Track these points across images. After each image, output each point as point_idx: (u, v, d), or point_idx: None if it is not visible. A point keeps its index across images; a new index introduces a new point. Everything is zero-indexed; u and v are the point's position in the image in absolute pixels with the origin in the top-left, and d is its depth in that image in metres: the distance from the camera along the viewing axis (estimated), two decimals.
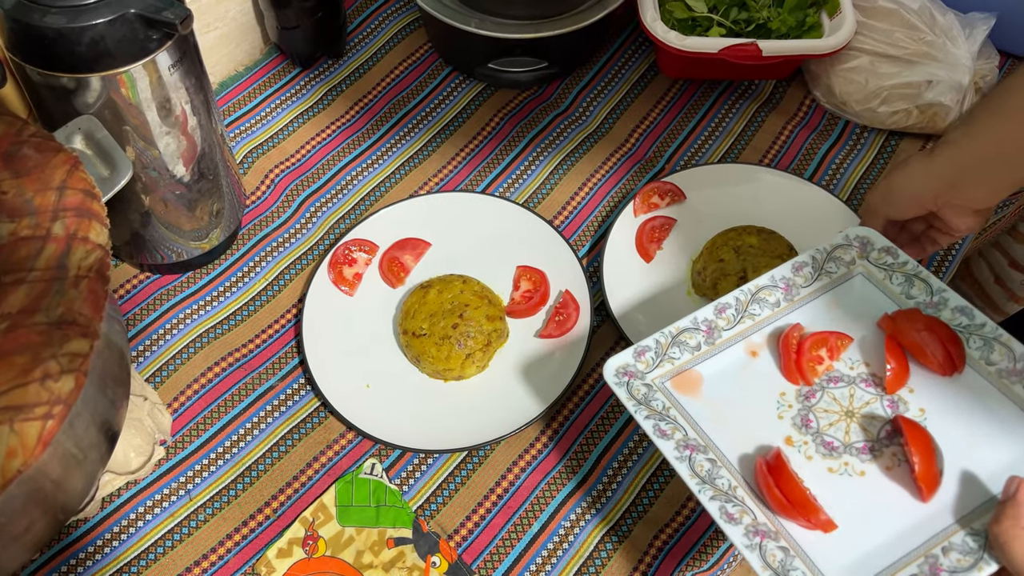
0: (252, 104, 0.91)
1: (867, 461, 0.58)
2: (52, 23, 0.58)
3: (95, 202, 0.55)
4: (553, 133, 0.90)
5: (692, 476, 0.56)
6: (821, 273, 0.66)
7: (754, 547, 0.53)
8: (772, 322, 0.64)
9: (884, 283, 0.65)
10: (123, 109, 0.64)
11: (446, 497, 0.69)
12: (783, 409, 0.61)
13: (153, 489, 0.69)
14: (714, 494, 0.55)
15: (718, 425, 0.59)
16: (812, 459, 0.58)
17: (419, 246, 0.81)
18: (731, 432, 0.59)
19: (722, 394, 0.61)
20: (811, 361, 0.62)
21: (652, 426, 0.58)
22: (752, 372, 0.62)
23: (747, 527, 0.54)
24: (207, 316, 0.78)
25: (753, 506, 0.55)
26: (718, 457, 0.58)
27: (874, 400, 0.61)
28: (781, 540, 0.54)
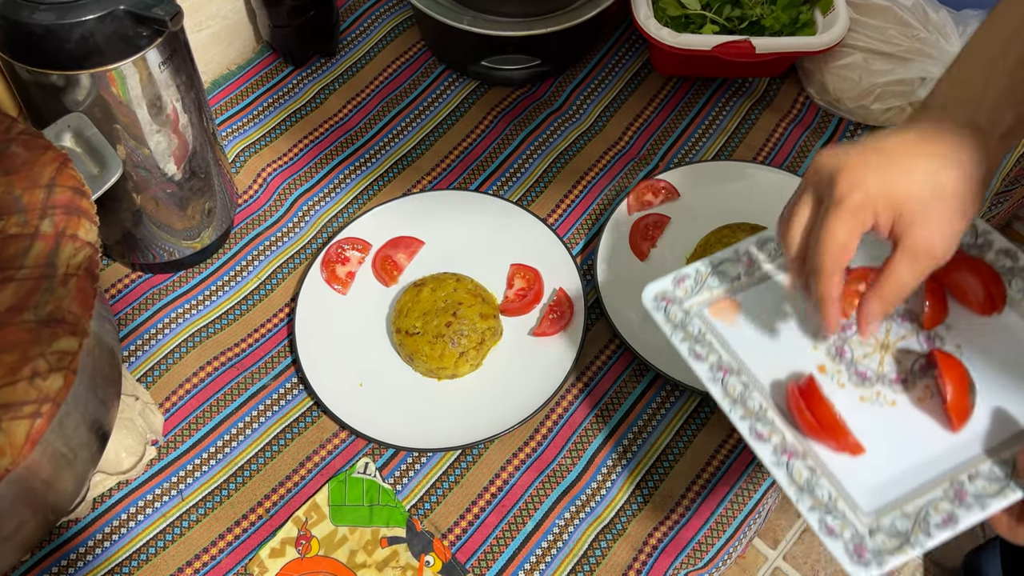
0: (244, 103, 0.91)
1: (899, 392, 0.58)
2: (41, 20, 0.58)
3: (84, 200, 0.54)
4: (547, 131, 0.90)
5: (724, 397, 0.57)
6: None
7: (781, 464, 0.54)
8: None
9: None
10: (113, 107, 0.64)
11: (440, 496, 0.69)
12: (819, 339, 0.61)
13: (145, 489, 0.69)
14: (744, 414, 0.56)
15: (753, 351, 0.60)
16: (844, 387, 0.59)
17: (412, 244, 0.80)
18: (766, 359, 0.60)
19: (758, 323, 0.61)
20: (850, 294, 0.60)
21: (687, 348, 0.59)
22: (789, 304, 0.62)
23: (775, 446, 0.55)
24: (199, 315, 0.77)
25: (783, 427, 0.56)
26: (751, 380, 0.58)
27: (910, 335, 0.61)
28: (808, 459, 0.54)
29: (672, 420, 0.72)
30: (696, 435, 0.72)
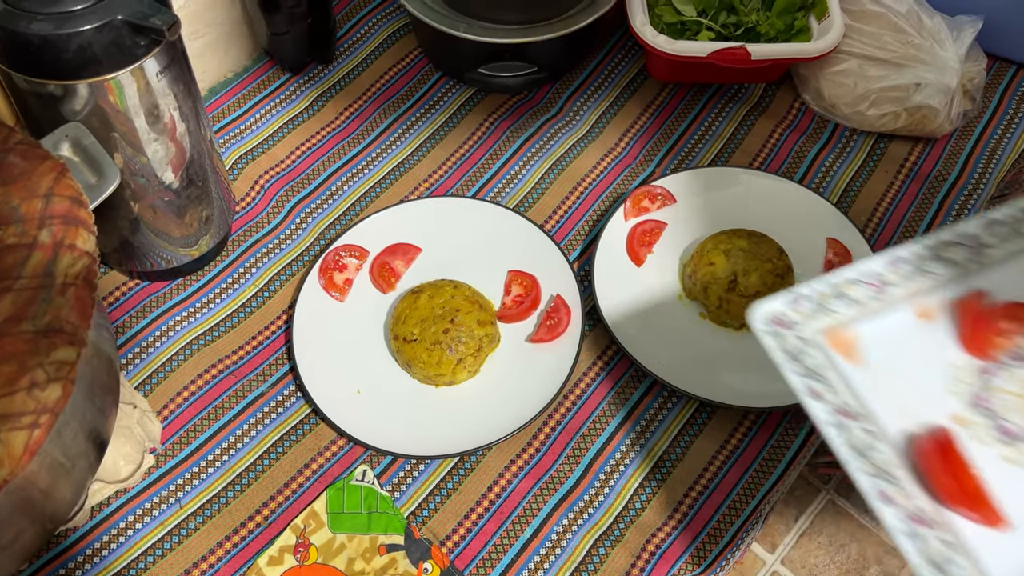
0: (242, 110, 0.91)
1: None
2: (39, 30, 0.58)
3: (82, 209, 0.54)
4: (543, 137, 0.90)
5: (846, 446, 0.49)
6: (1018, 234, 0.57)
7: (912, 535, 0.47)
8: (953, 282, 0.56)
9: None
10: (111, 116, 0.64)
11: (438, 503, 0.69)
12: (955, 383, 0.53)
13: (143, 497, 0.69)
14: (869, 469, 0.48)
15: (878, 393, 0.52)
16: (986, 443, 0.51)
17: (410, 251, 0.80)
18: (893, 403, 0.52)
19: (885, 359, 0.53)
20: (996, 333, 0.54)
21: (803, 385, 0.51)
22: (922, 338, 0.54)
23: (906, 511, 0.47)
24: (197, 323, 0.77)
25: (913, 489, 0.49)
26: (877, 429, 0.50)
27: None
28: (944, 532, 0.47)
29: (669, 426, 0.73)
30: (693, 441, 0.72)
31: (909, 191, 0.86)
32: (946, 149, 0.89)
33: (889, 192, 0.86)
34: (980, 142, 0.90)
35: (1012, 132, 0.91)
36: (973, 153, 0.89)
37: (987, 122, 0.91)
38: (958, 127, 0.90)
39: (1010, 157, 0.89)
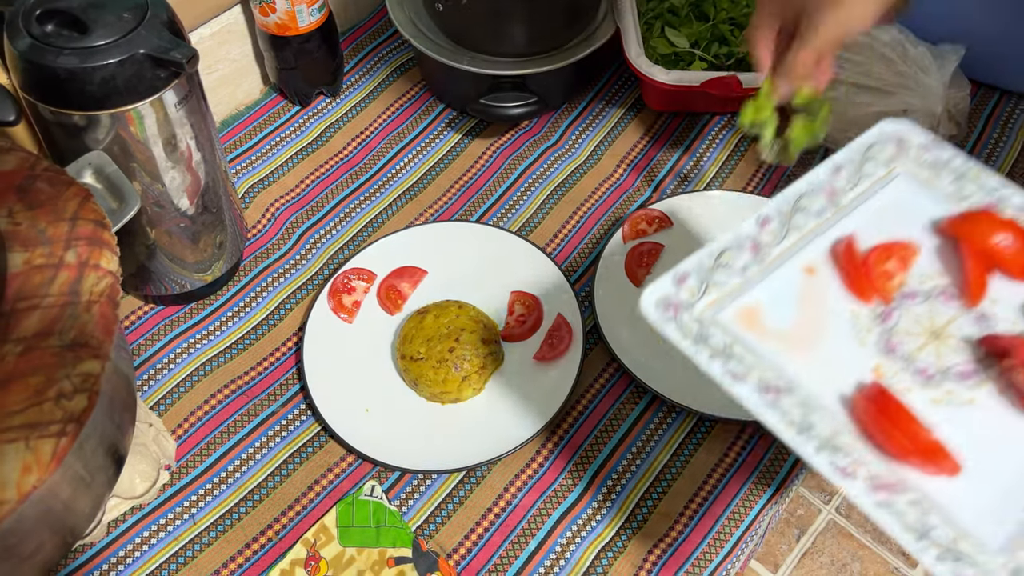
0: (253, 141, 0.94)
1: (971, 386, 0.50)
2: (65, 64, 0.61)
3: (106, 232, 0.57)
4: (544, 165, 0.93)
5: (787, 425, 0.46)
6: (862, 176, 0.58)
7: (884, 505, 0.44)
8: (821, 233, 0.56)
9: (931, 182, 0.58)
10: (131, 145, 0.67)
11: (445, 517, 0.71)
12: (862, 333, 0.52)
13: (158, 514, 0.70)
14: (818, 444, 0.46)
15: (793, 359, 0.50)
16: (912, 391, 0.50)
17: (416, 274, 0.83)
18: (810, 367, 0.50)
19: (786, 322, 0.52)
20: (881, 276, 0.54)
21: (721, 369, 0.49)
22: (815, 292, 0.53)
23: (866, 481, 0.45)
24: (210, 345, 0.80)
25: (865, 454, 0.47)
26: (807, 398, 0.48)
27: (958, 316, 0.53)
28: (908, 493, 0.45)
29: (669, 440, 0.75)
30: (693, 454, 0.74)
31: None
32: None
33: None
34: None
35: (997, 156, 0.94)
36: None
37: (972, 147, 0.94)
38: None
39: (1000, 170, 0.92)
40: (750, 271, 0.54)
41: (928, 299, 0.54)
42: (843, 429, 0.48)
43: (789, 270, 0.55)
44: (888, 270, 0.55)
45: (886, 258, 0.55)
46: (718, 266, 0.53)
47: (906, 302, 0.54)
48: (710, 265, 0.53)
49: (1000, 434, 0.49)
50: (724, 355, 0.50)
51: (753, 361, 0.50)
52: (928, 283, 0.55)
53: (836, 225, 0.57)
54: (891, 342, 0.52)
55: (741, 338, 0.52)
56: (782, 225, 0.55)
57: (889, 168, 0.59)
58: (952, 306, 0.54)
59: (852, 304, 0.54)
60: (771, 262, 0.55)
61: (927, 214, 0.58)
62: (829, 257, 0.56)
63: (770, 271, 0.55)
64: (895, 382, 0.51)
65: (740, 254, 0.54)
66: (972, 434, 0.49)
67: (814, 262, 0.56)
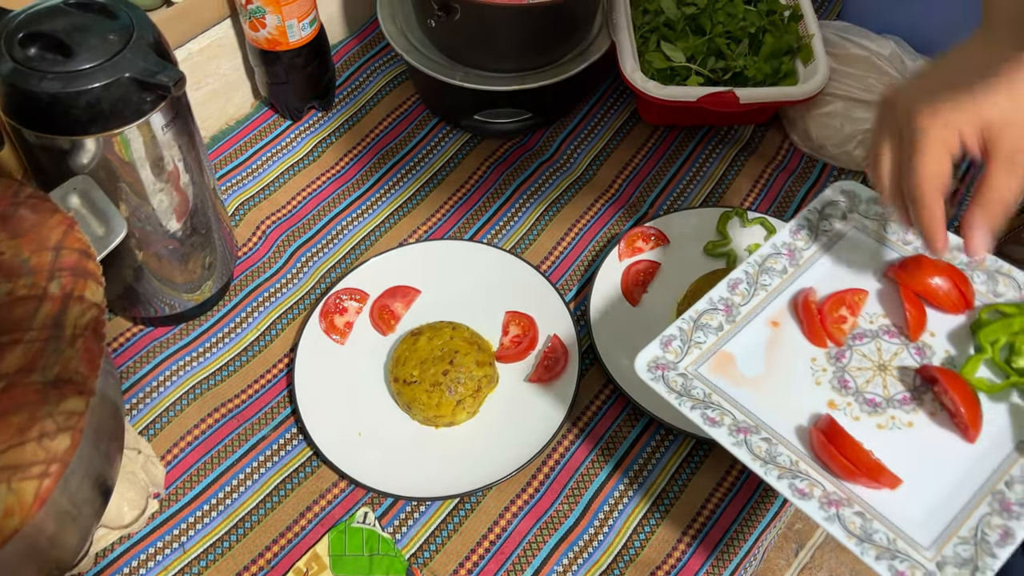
0: (243, 157, 0.93)
1: (911, 411, 0.60)
2: (49, 88, 0.60)
3: (91, 261, 0.56)
4: (538, 180, 0.92)
5: (753, 459, 0.56)
6: (818, 233, 0.67)
7: (833, 518, 0.54)
8: (784, 289, 0.66)
9: (879, 233, 0.68)
10: (118, 168, 0.66)
11: (439, 544, 0.70)
12: (818, 374, 0.62)
13: (147, 543, 0.69)
14: (780, 472, 0.56)
15: (761, 402, 0.60)
16: (859, 419, 0.59)
17: (409, 294, 0.82)
18: (775, 407, 0.60)
19: (756, 370, 0.62)
20: (835, 322, 0.63)
21: (700, 415, 0.58)
22: (779, 343, 0.63)
23: (820, 499, 0.55)
24: (200, 367, 0.79)
25: (819, 477, 0.56)
26: (771, 435, 0.58)
27: (901, 350, 0.62)
28: (855, 505, 0.55)
29: (667, 464, 0.73)
30: (691, 478, 0.73)
31: None
32: None
33: None
34: (963, 181, 0.92)
35: None
36: (956, 192, 0.91)
37: (970, 161, 0.93)
38: None
39: None
40: (724, 329, 0.64)
41: (876, 337, 0.64)
42: (801, 457, 0.57)
43: (757, 325, 0.64)
44: (840, 315, 0.64)
45: (838, 306, 0.64)
46: (697, 327, 0.63)
47: (856, 343, 0.63)
48: (690, 328, 0.63)
49: (935, 449, 0.58)
50: (703, 404, 0.59)
51: (728, 406, 0.60)
52: (876, 323, 0.64)
53: (797, 280, 0.66)
54: (844, 379, 0.62)
55: (718, 387, 0.61)
56: (750, 286, 0.65)
57: (843, 224, 0.68)
58: (896, 341, 0.63)
59: (810, 350, 0.63)
60: (742, 319, 0.64)
61: (876, 262, 0.67)
62: (790, 310, 0.65)
63: (741, 327, 0.64)
64: (847, 413, 0.60)
65: (715, 315, 0.64)
66: (912, 451, 0.58)
67: (778, 316, 0.65)
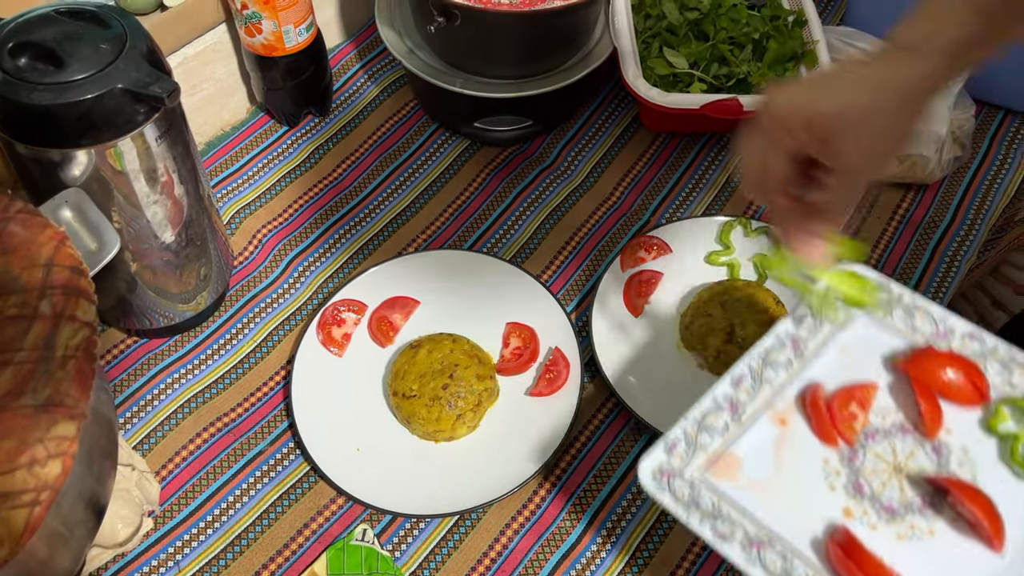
0: (239, 163, 0.92)
1: (932, 518, 0.56)
2: (39, 100, 0.58)
3: (83, 279, 0.55)
4: (539, 188, 0.91)
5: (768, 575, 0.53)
6: (822, 322, 0.63)
7: None
8: (790, 383, 0.62)
9: (886, 320, 0.64)
10: (111, 180, 0.64)
11: (439, 562, 0.68)
12: (832, 477, 0.58)
13: (141, 561, 0.68)
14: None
15: (772, 509, 0.56)
16: (877, 528, 0.56)
17: (408, 304, 0.81)
18: (787, 515, 0.56)
19: (765, 473, 0.58)
20: (845, 419, 0.59)
21: (710, 530, 0.54)
22: (788, 443, 0.59)
23: None
24: (195, 380, 0.77)
25: None
26: (786, 548, 0.54)
27: (917, 450, 0.59)
28: None
29: None
30: None
31: (902, 238, 0.87)
32: (938, 195, 0.90)
33: (883, 239, 0.87)
34: (971, 188, 0.91)
35: (1002, 177, 0.92)
36: (964, 199, 0.90)
37: (977, 168, 0.93)
38: (948, 173, 0.91)
39: (1001, 202, 0.90)
40: (730, 429, 0.59)
41: (889, 435, 0.60)
42: (818, 572, 0.54)
43: (764, 423, 0.60)
44: (851, 412, 0.60)
45: (848, 402, 0.60)
46: (702, 429, 0.59)
47: (869, 441, 0.59)
48: (695, 430, 0.58)
49: (960, 561, 0.54)
50: (712, 516, 0.55)
51: (737, 517, 0.56)
52: (888, 419, 0.60)
53: (803, 374, 0.62)
54: (858, 483, 0.58)
55: (725, 494, 0.57)
56: (755, 381, 0.61)
57: (847, 311, 0.64)
58: (910, 439, 0.59)
59: (821, 450, 0.59)
60: (747, 418, 0.60)
61: (883, 350, 0.63)
62: (798, 406, 0.61)
63: (747, 427, 0.60)
64: (863, 522, 0.56)
65: (720, 415, 0.59)
66: (935, 564, 0.54)
67: (785, 412, 0.61)
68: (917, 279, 0.84)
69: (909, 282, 0.84)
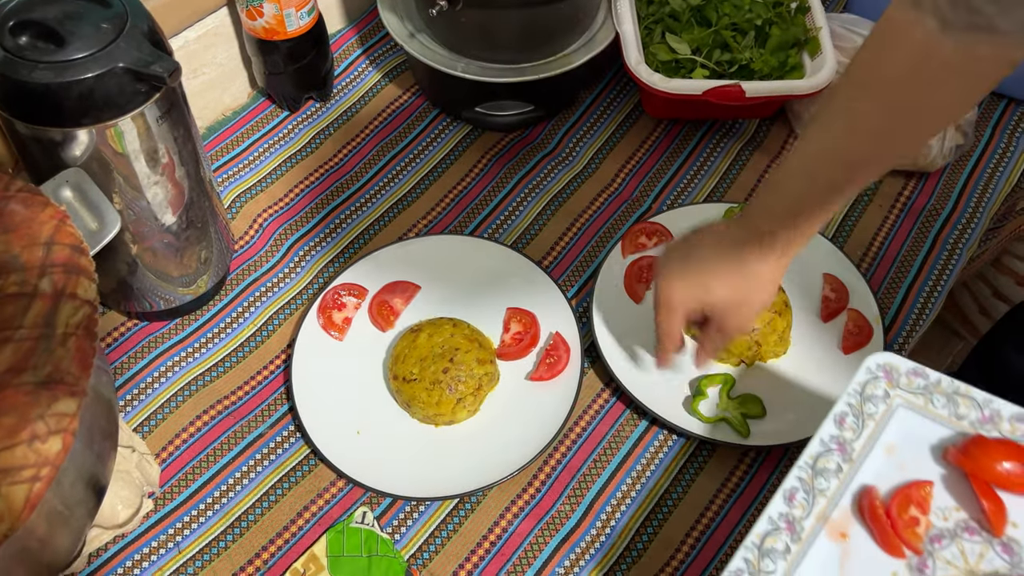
0: (240, 148, 0.91)
1: None
2: (40, 78, 0.58)
3: (83, 257, 0.54)
4: (540, 174, 0.90)
5: None
6: (865, 418, 0.61)
7: None
8: (843, 492, 0.59)
9: (928, 408, 0.61)
10: (111, 160, 0.64)
11: (439, 545, 0.69)
12: None
13: (141, 542, 0.68)
14: None
15: None
16: None
17: (408, 289, 0.81)
18: None
19: None
20: (907, 525, 0.57)
21: None
22: (853, 559, 0.56)
23: None
24: (196, 363, 0.77)
25: None
26: None
27: (987, 549, 0.56)
28: None
29: (670, 465, 0.72)
30: (694, 479, 0.72)
31: (903, 226, 0.87)
32: (939, 184, 0.90)
33: (884, 227, 0.87)
34: (973, 176, 0.91)
35: (1004, 166, 0.92)
36: (966, 187, 0.90)
37: (979, 156, 0.92)
38: (951, 162, 0.91)
39: (1003, 191, 0.90)
40: (792, 551, 0.56)
41: (955, 538, 0.57)
42: None
43: (824, 540, 0.57)
44: (912, 516, 0.57)
45: (907, 505, 0.57)
46: (763, 555, 0.55)
47: (936, 547, 0.57)
48: (756, 557, 0.55)
49: None
50: None
51: None
52: (951, 519, 0.58)
53: (855, 478, 0.59)
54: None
55: None
56: (808, 493, 0.58)
57: (887, 403, 0.62)
58: (978, 539, 0.57)
59: (889, 563, 0.56)
60: (807, 535, 0.57)
61: (931, 441, 0.61)
62: (855, 515, 0.58)
63: (808, 546, 0.56)
64: None
65: (779, 536, 0.56)
66: None
67: (844, 525, 0.58)
68: (918, 267, 0.84)
69: (910, 270, 0.84)
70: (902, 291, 0.82)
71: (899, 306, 0.81)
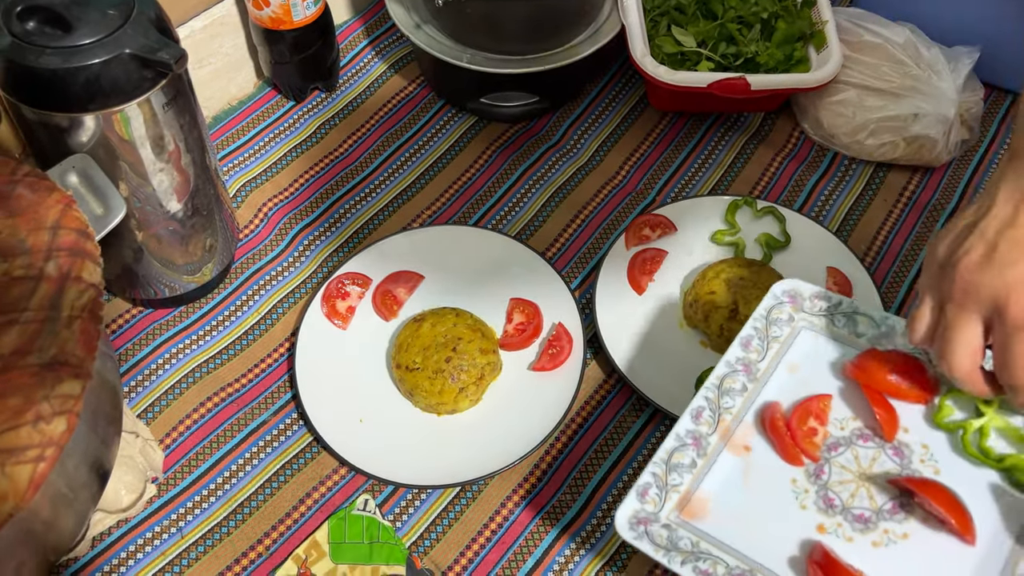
0: (246, 137, 0.92)
1: (903, 521, 0.57)
2: (48, 64, 0.58)
3: (89, 242, 0.55)
4: (545, 166, 0.90)
5: None
6: (770, 340, 0.64)
7: None
8: (748, 409, 0.62)
9: (829, 328, 0.65)
10: (117, 147, 0.64)
11: (440, 533, 0.69)
12: (801, 496, 0.58)
13: (144, 527, 0.68)
14: None
15: (750, 539, 0.56)
16: (853, 540, 0.56)
17: (412, 279, 0.81)
18: (765, 541, 0.56)
19: (737, 504, 0.58)
20: (806, 435, 0.60)
21: (692, 571, 0.54)
22: (755, 469, 0.59)
23: None
24: (200, 350, 0.78)
25: None
26: (768, 575, 0.55)
27: (879, 454, 0.59)
28: None
29: None
30: None
31: (908, 220, 0.87)
32: (944, 178, 0.90)
33: (888, 221, 0.87)
34: (978, 171, 0.91)
35: None
36: (971, 182, 0.90)
37: (984, 151, 0.92)
38: (956, 156, 0.90)
39: None
40: (697, 464, 0.59)
41: (850, 445, 0.60)
42: None
43: (729, 454, 0.60)
44: (811, 427, 0.60)
45: (806, 417, 0.60)
46: (671, 469, 0.59)
47: (832, 454, 0.60)
48: (663, 472, 0.58)
49: (936, 558, 0.55)
50: (694, 556, 0.55)
51: (718, 553, 0.55)
52: (847, 428, 0.61)
53: (758, 396, 0.62)
54: (828, 497, 0.58)
55: (703, 532, 0.57)
56: (714, 412, 0.61)
57: (792, 326, 0.65)
58: (872, 445, 0.60)
59: (788, 471, 0.60)
60: (712, 451, 0.60)
61: (830, 359, 0.64)
62: (758, 429, 0.61)
63: (713, 459, 0.60)
64: (838, 535, 0.56)
65: (686, 451, 0.60)
66: (913, 566, 0.55)
67: (747, 438, 0.61)
68: (922, 262, 0.84)
69: (914, 265, 0.84)
70: (905, 285, 0.82)
71: (902, 300, 0.81)
